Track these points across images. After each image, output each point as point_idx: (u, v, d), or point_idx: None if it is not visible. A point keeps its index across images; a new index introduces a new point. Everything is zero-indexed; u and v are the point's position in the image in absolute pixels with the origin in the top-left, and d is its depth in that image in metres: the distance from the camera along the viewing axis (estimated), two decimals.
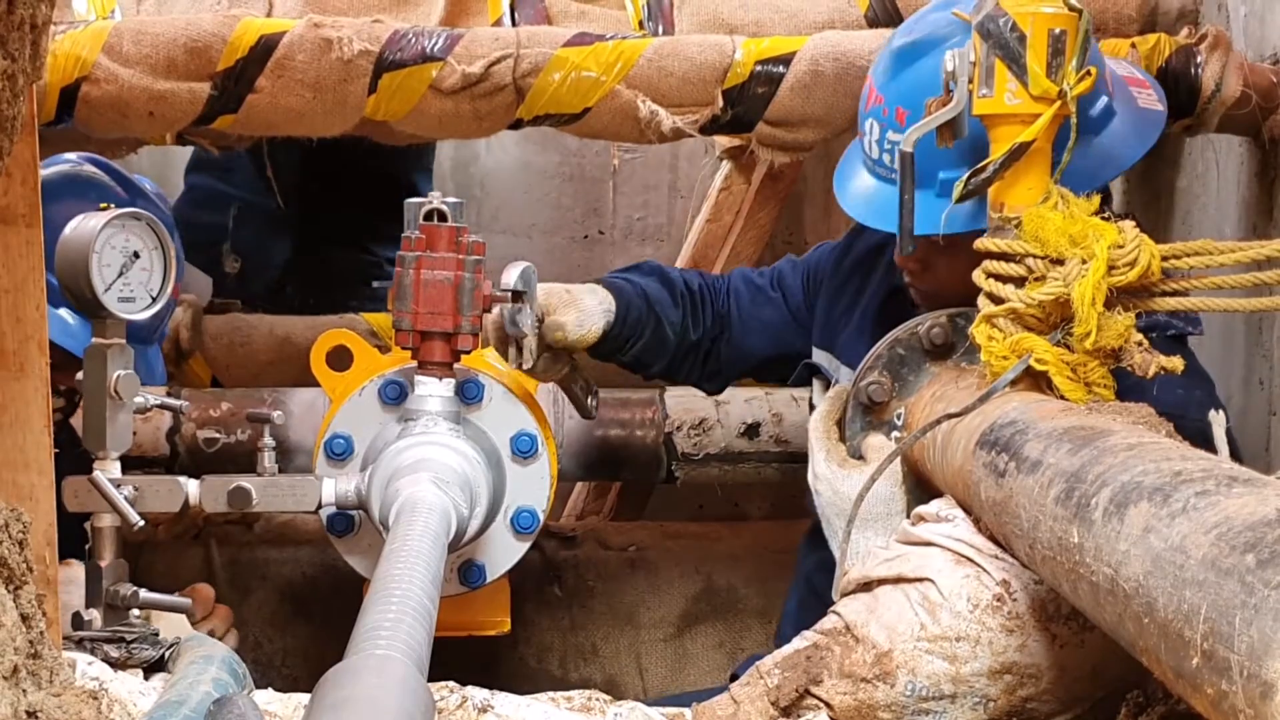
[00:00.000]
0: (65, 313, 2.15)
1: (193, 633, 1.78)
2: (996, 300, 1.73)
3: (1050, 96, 1.72)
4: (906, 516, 1.80)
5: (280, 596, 2.99)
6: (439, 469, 1.81)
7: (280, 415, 1.94)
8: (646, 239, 4.29)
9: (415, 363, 1.99)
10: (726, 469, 2.89)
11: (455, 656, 1.80)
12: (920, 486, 1.90)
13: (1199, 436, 1.53)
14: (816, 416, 2.06)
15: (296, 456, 2.69)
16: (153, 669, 1.68)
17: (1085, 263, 1.65)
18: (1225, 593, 0.93)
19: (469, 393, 2.06)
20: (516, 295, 2.02)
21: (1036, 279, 1.69)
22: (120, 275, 1.75)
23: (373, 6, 2.59)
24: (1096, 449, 1.29)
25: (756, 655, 1.91)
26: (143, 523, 1.74)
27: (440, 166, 4.09)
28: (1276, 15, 2.50)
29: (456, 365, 2.00)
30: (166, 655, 1.68)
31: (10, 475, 1.46)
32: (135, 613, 1.73)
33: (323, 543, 2.48)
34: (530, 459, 2.09)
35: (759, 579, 3.03)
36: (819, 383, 2.27)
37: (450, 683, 1.53)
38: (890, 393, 2.00)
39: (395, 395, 2.07)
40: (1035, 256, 1.69)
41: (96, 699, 1.30)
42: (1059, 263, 1.67)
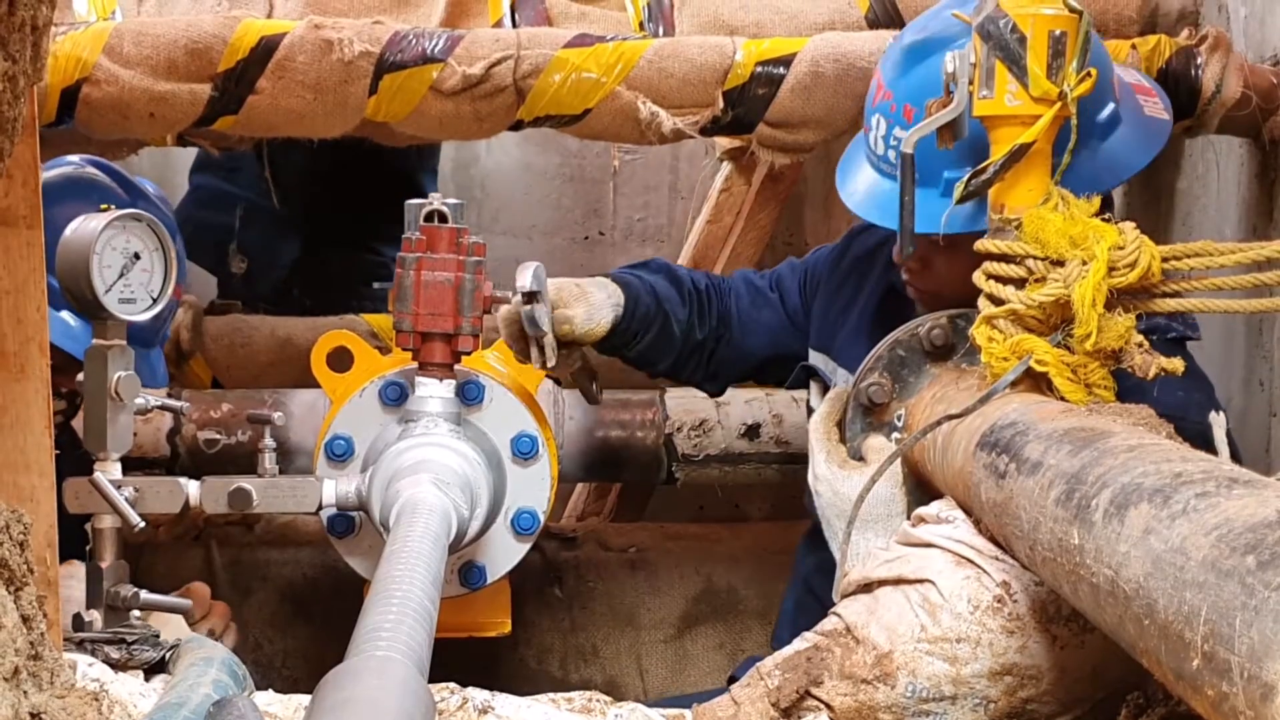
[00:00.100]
0: (66, 315, 2.15)
1: (192, 634, 1.78)
2: (997, 301, 1.73)
3: (1050, 98, 1.72)
4: (907, 518, 1.80)
5: (281, 598, 2.99)
6: (439, 470, 1.81)
7: (281, 416, 1.93)
8: (647, 240, 4.29)
9: (416, 364, 2.00)
10: (727, 470, 2.89)
11: (456, 657, 1.81)
12: (920, 488, 1.90)
13: (1199, 438, 1.53)
14: (817, 418, 2.06)
15: (297, 458, 2.69)
16: (153, 670, 1.68)
17: (1085, 264, 1.64)
18: (1226, 594, 0.93)
19: (469, 394, 2.06)
20: (533, 296, 2.02)
21: (1037, 280, 1.69)
22: (121, 276, 1.75)
23: (373, 8, 2.59)
24: (1097, 450, 1.29)
25: (756, 656, 1.91)
26: (143, 524, 1.74)
27: (441, 168, 4.09)
28: (1276, 16, 2.50)
29: (457, 366, 2.00)
30: (167, 657, 1.68)
31: (11, 477, 1.46)
32: (136, 614, 1.73)
33: (323, 544, 2.48)
34: (531, 460, 2.09)
35: (759, 580, 3.03)
36: (816, 385, 2.27)
37: (451, 684, 1.53)
38: (890, 394, 2.00)
39: (396, 396, 2.07)
40: (1035, 258, 1.69)
41: (97, 700, 1.30)
42: (1059, 264, 1.67)
